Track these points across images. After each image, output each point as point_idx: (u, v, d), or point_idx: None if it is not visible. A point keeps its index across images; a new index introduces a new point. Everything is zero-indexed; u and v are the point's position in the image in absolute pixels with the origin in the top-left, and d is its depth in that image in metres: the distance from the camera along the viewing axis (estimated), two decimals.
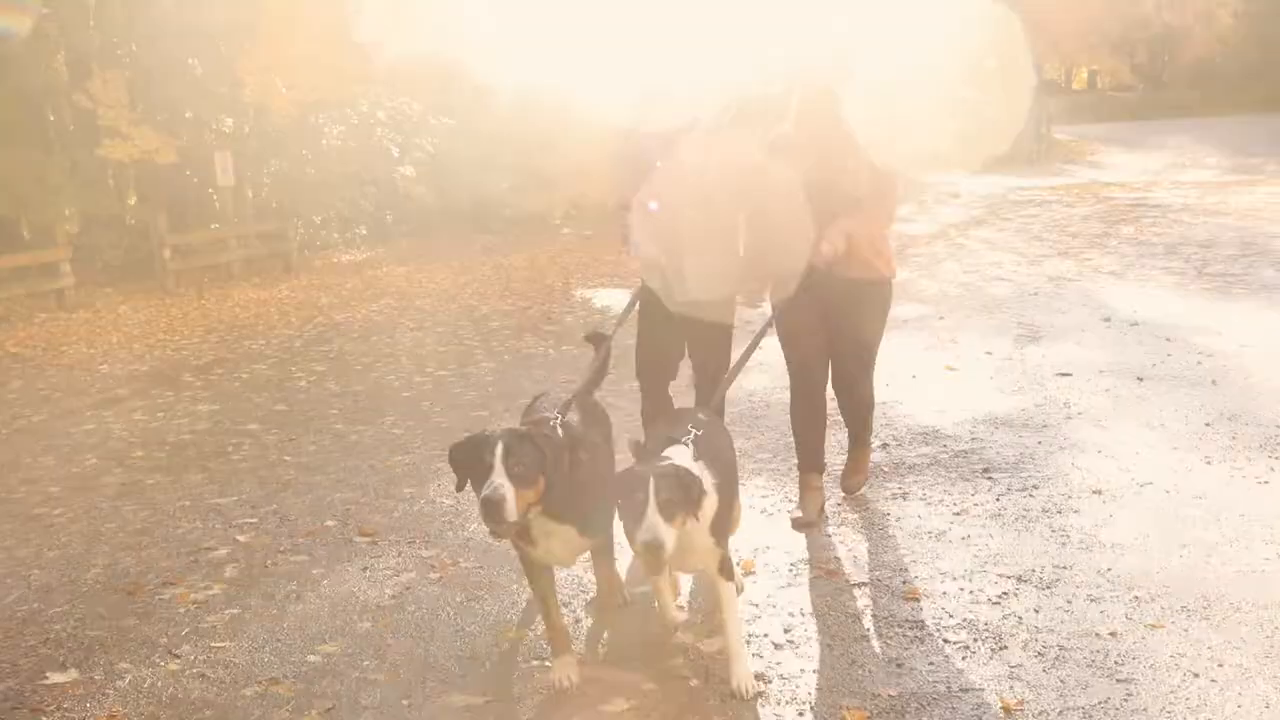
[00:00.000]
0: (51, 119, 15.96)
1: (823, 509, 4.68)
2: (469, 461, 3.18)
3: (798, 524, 4.57)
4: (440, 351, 9.10)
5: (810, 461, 4.71)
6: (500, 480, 3.04)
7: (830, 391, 4.76)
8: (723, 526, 3.39)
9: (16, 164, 13.89)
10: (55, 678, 3.64)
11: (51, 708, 3.45)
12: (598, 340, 4.37)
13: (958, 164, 24.48)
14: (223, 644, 3.83)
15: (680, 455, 3.30)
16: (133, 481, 5.95)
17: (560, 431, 3.36)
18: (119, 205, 16.40)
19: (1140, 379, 6.62)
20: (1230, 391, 6.21)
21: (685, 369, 4.73)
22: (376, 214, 20.39)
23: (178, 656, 3.75)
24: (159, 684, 3.56)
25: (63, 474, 6.22)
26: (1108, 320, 8.46)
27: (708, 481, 3.25)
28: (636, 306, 4.59)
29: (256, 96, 15.86)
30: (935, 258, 12.81)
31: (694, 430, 3.47)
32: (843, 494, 4.88)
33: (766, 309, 4.59)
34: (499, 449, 3.08)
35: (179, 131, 16.11)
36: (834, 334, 4.49)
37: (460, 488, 3.25)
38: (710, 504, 3.24)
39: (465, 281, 13.70)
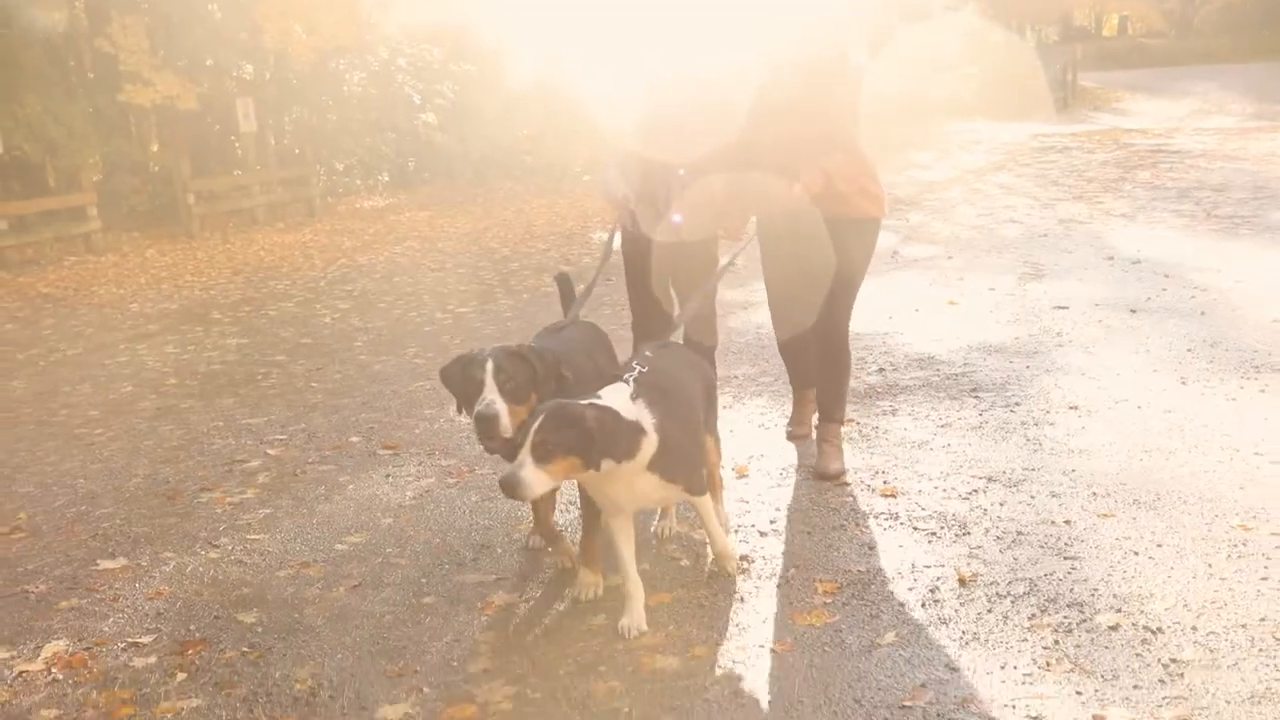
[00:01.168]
0: (72, 64, 16.11)
1: (814, 422, 4.94)
2: (460, 379, 3.19)
3: (791, 435, 4.88)
4: (461, 290, 9.40)
5: (802, 380, 4.96)
6: (493, 396, 3.07)
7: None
8: (673, 465, 3.09)
9: (40, 110, 14.09)
10: (105, 564, 4.00)
11: (104, 588, 3.81)
12: (562, 280, 4.41)
13: (981, 111, 24.39)
14: (258, 536, 4.18)
15: (616, 394, 3.05)
16: (168, 406, 6.30)
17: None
18: (142, 151, 16.62)
19: (1133, 311, 6.82)
20: (1217, 322, 6.40)
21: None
22: (398, 160, 20.61)
23: (217, 547, 4.10)
24: (200, 568, 3.92)
25: (101, 400, 6.57)
26: (1111, 259, 8.62)
27: (647, 421, 3.01)
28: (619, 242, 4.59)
29: (276, 42, 16.00)
30: (950, 202, 12.93)
31: (639, 366, 3.20)
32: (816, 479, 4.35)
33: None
34: (489, 365, 3.10)
35: (200, 78, 16.27)
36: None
37: (459, 410, 3.27)
38: (649, 445, 3.00)
39: (486, 226, 13.94)
